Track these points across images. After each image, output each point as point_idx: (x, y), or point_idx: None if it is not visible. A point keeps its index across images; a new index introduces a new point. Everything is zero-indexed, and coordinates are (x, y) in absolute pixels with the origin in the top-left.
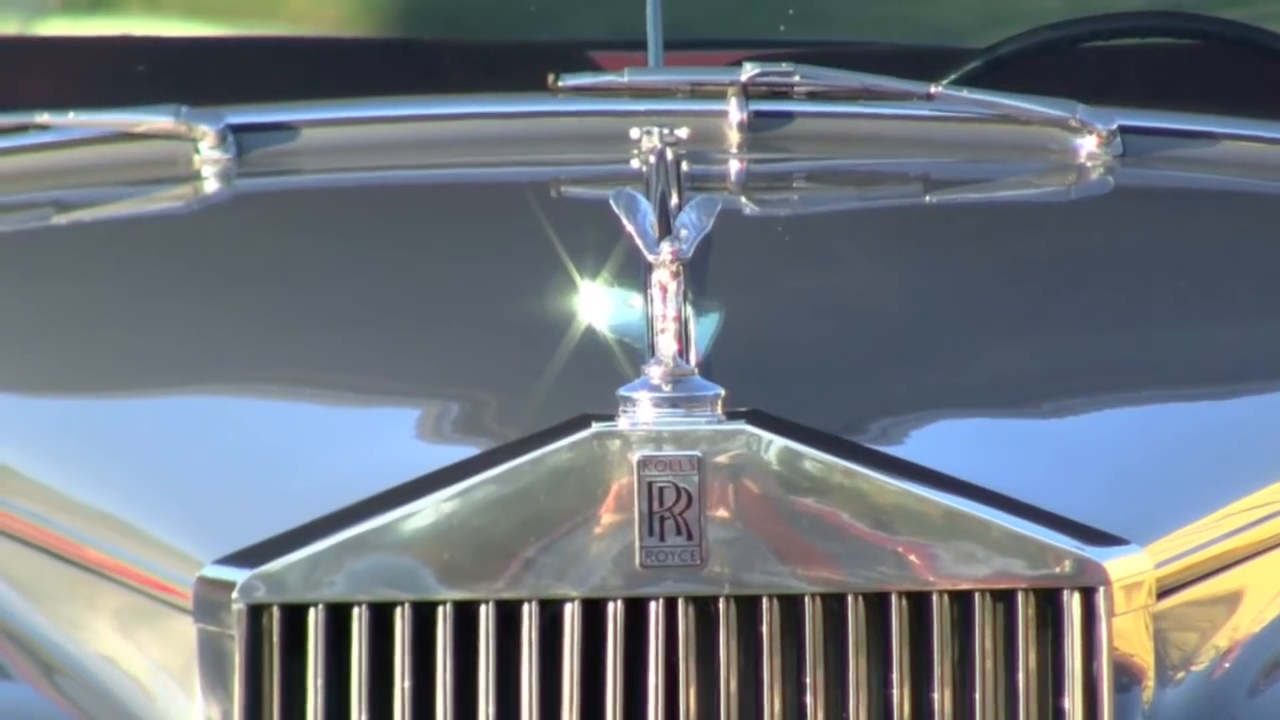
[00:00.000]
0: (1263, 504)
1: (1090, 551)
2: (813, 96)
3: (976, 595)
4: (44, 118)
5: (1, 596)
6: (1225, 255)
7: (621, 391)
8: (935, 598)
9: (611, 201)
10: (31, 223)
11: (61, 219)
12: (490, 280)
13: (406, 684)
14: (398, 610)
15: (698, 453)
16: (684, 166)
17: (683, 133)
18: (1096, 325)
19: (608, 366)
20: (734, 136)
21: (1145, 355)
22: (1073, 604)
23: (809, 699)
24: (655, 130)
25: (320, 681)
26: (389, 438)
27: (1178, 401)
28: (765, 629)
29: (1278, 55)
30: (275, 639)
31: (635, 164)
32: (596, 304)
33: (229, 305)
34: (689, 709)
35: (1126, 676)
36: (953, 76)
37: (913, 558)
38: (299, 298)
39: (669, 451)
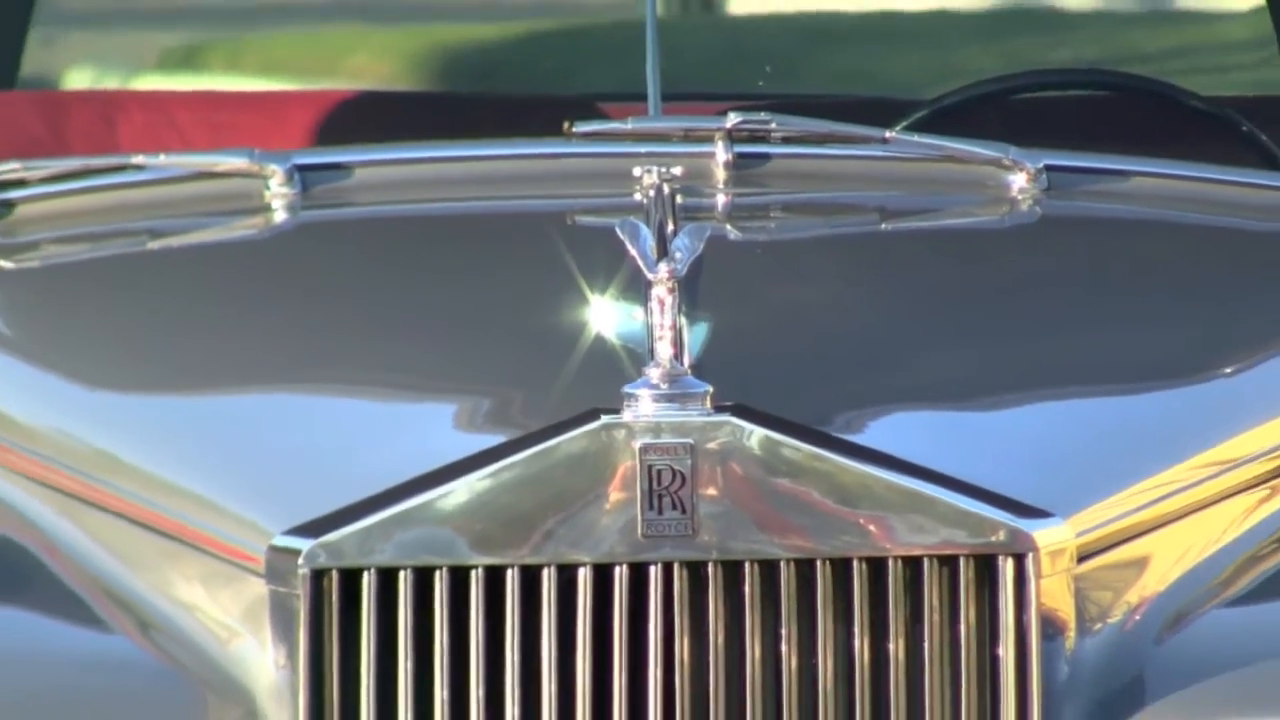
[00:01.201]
0: (1166, 483)
1: (1021, 523)
2: (786, 140)
3: (926, 560)
4: (139, 159)
5: (104, 562)
6: (1136, 273)
7: (626, 389)
8: (891, 563)
9: (617, 229)
10: (129, 248)
11: (154, 245)
12: (515, 295)
13: (444, 637)
14: (437, 574)
15: (690, 440)
16: (678, 199)
17: (677, 171)
18: (1026, 333)
19: (614, 368)
20: (720, 174)
21: (1068, 358)
22: (1006, 568)
23: (784, 648)
24: (654, 169)
25: (372, 634)
26: (430, 429)
27: (1095, 397)
28: (747, 589)
29: (1179, 105)
30: (334, 599)
31: (637, 197)
32: (604, 315)
33: (295, 317)
34: (683, 658)
35: (1052, 629)
36: (904, 123)
37: (872, 528)
38: (355, 310)
39: (666, 439)
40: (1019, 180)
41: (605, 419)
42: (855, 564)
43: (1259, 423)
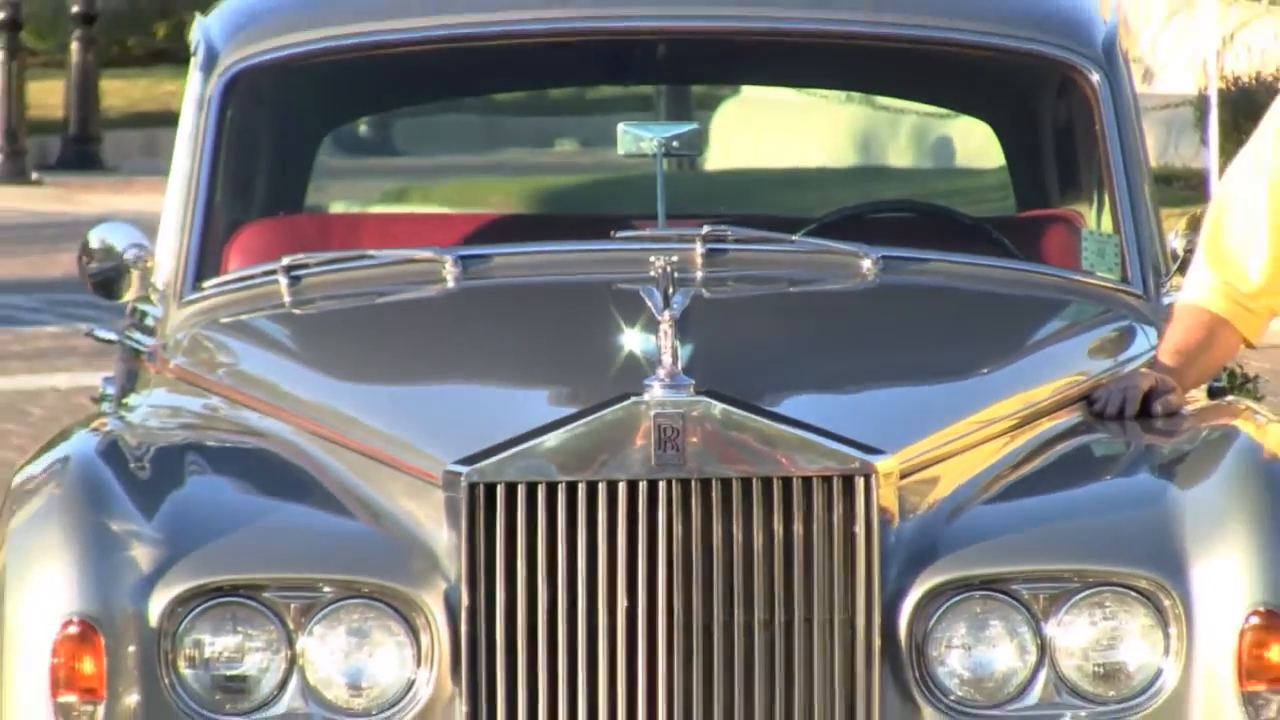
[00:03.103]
0: (951, 433)
1: (868, 457)
2: (735, 241)
3: (815, 479)
4: (374, 251)
5: (349, 479)
6: (936, 312)
7: (645, 382)
8: (795, 480)
9: (640, 291)
10: (368, 300)
11: (380, 300)
12: (583, 327)
13: (543, 520)
14: (540, 486)
15: (681, 411)
16: (674, 274)
17: (674, 259)
18: (874, 346)
19: (639, 370)
20: (698, 260)
21: (897, 361)
22: (859, 483)
23: (735, 529)
24: (662, 257)
25: (500, 519)
26: (534, 404)
27: (912, 384)
28: (714, 496)
29: (958, 221)
30: (480, 500)
31: (652, 273)
32: (633, 340)
33: (455, 339)
34: (677, 533)
35: (885, 516)
36: (803, 231)
37: (783, 460)
38: (491, 335)
39: (668, 411)
40: (867, 263)
41: (634, 399)
42: (775, 481)
43: (1006, 397)
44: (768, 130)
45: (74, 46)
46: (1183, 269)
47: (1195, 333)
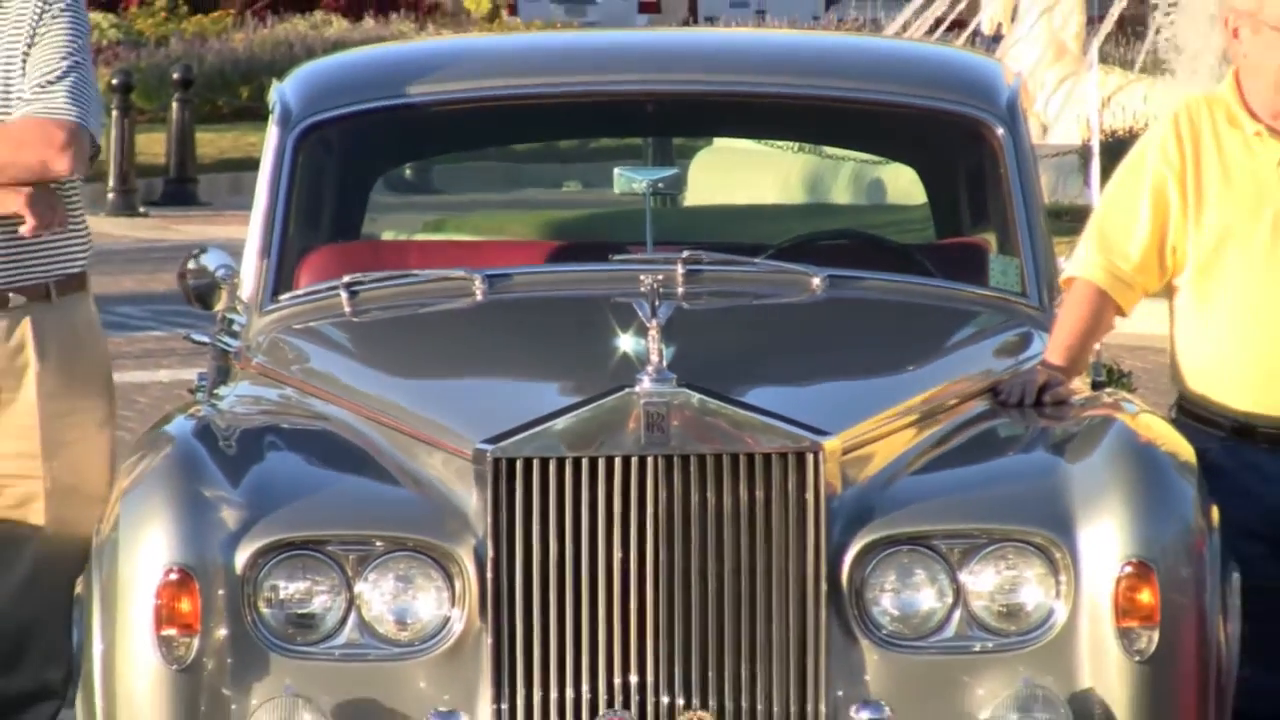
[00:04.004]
0: (884, 418)
1: (816, 438)
2: (709, 263)
3: (774, 456)
4: (414, 272)
5: (395, 454)
6: (873, 318)
7: (637, 376)
8: (758, 457)
9: (633, 303)
10: (413, 310)
11: (422, 310)
12: (585, 331)
13: (554, 488)
14: (551, 461)
15: (666, 400)
16: (660, 290)
17: (660, 278)
18: (824, 347)
19: (631, 366)
20: (680, 279)
21: (842, 360)
22: (809, 458)
23: (709, 495)
24: (649, 276)
25: (519, 487)
26: (546, 394)
27: (853, 378)
28: (692, 468)
29: (889, 247)
30: (503, 472)
31: (641, 289)
32: (625, 343)
33: (482, 342)
34: (661, 496)
35: (830, 487)
36: (765, 254)
37: (748, 440)
38: (512, 335)
39: (655, 400)
40: (816, 281)
41: (627, 390)
42: (741, 457)
43: (928, 389)
44: (734, 174)
45: (174, 105)
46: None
47: (1080, 321)
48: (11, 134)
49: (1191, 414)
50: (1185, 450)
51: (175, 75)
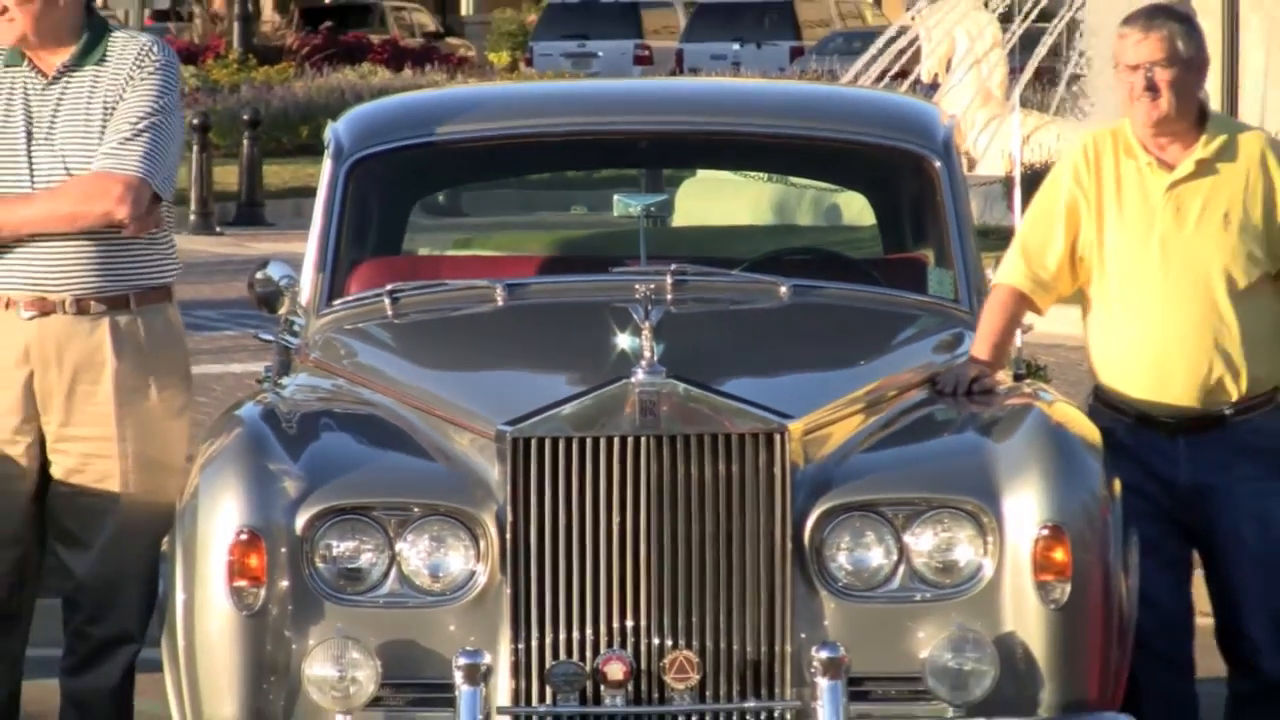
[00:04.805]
0: (839, 404)
1: (782, 420)
2: (693, 275)
3: (747, 436)
4: (445, 282)
5: (428, 434)
6: (829, 318)
7: (632, 369)
8: (734, 437)
9: (629, 308)
10: (436, 315)
11: (452, 313)
12: (588, 331)
13: (562, 462)
14: (560, 440)
15: (656, 389)
16: (652, 297)
17: (652, 287)
18: (789, 341)
19: (627, 361)
20: (669, 287)
21: (804, 352)
22: (777, 438)
23: (693, 468)
24: (643, 285)
25: (533, 463)
26: (555, 383)
27: (814, 371)
28: (678, 446)
29: (844, 261)
30: (520, 449)
31: (637, 296)
32: (623, 341)
33: (502, 340)
34: (652, 468)
35: (794, 462)
36: (740, 267)
37: (725, 422)
38: (527, 339)
39: (647, 390)
40: (783, 289)
41: (624, 380)
42: (720, 437)
43: (877, 380)
44: (714, 200)
45: (245, 142)
46: None
47: (1003, 321)
48: (82, 188)
49: (1104, 402)
50: (1092, 432)
51: (245, 117)
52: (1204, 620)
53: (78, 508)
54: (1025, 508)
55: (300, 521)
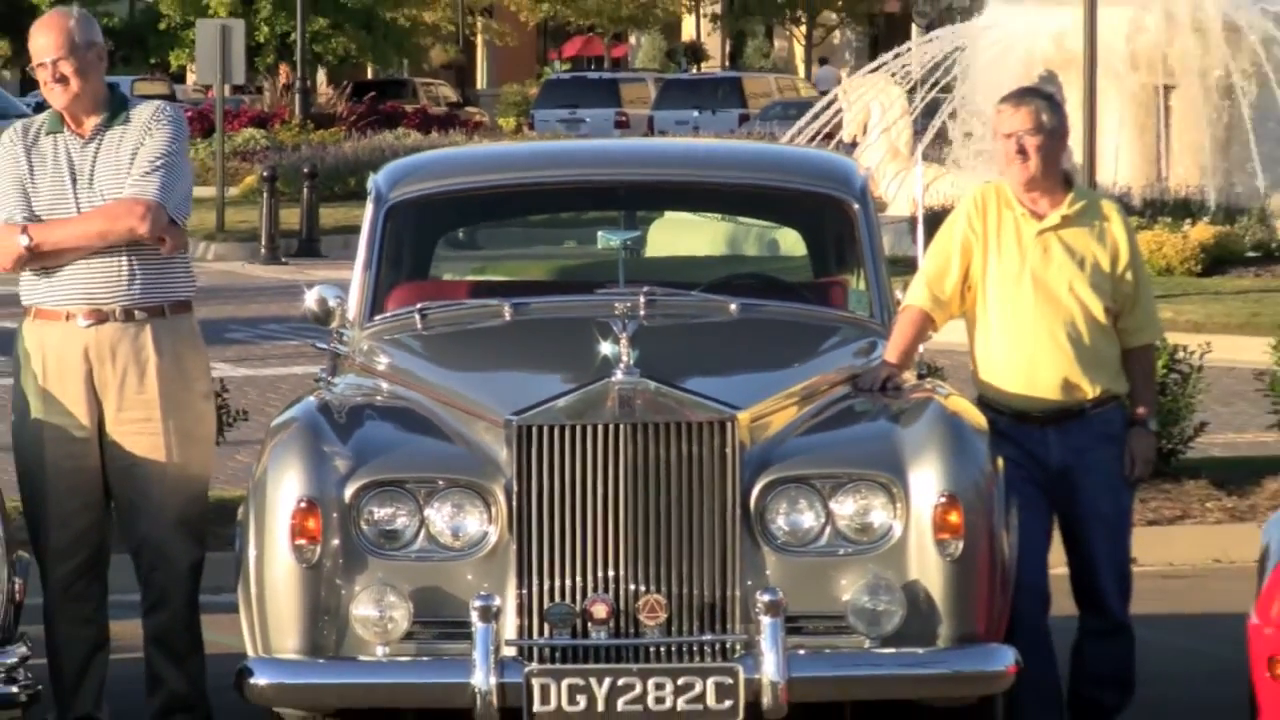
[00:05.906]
0: (778, 397)
1: (732, 411)
2: (662, 295)
3: (704, 424)
4: (463, 301)
5: (447, 422)
6: (772, 326)
7: (613, 371)
8: (696, 424)
9: (610, 322)
10: (456, 327)
11: (470, 326)
12: (574, 341)
13: (560, 444)
14: (558, 427)
15: (632, 387)
16: (629, 313)
17: (629, 304)
18: (739, 346)
19: (609, 364)
20: (642, 305)
21: (753, 355)
22: (730, 425)
23: (666, 451)
24: (622, 303)
25: (536, 444)
26: (551, 381)
27: (760, 371)
28: (653, 433)
29: (784, 285)
30: (527, 435)
31: (616, 313)
32: (605, 348)
33: (510, 347)
34: (630, 451)
35: (743, 445)
36: (699, 289)
37: (687, 413)
38: (529, 346)
39: (624, 388)
40: (733, 306)
41: (606, 380)
42: (683, 424)
43: (809, 378)
44: (679, 235)
45: (305, 190)
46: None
47: (910, 334)
48: (111, 210)
49: (985, 403)
50: (981, 420)
51: (305, 170)
52: (1058, 572)
53: (133, 476)
54: (927, 480)
55: (348, 492)
